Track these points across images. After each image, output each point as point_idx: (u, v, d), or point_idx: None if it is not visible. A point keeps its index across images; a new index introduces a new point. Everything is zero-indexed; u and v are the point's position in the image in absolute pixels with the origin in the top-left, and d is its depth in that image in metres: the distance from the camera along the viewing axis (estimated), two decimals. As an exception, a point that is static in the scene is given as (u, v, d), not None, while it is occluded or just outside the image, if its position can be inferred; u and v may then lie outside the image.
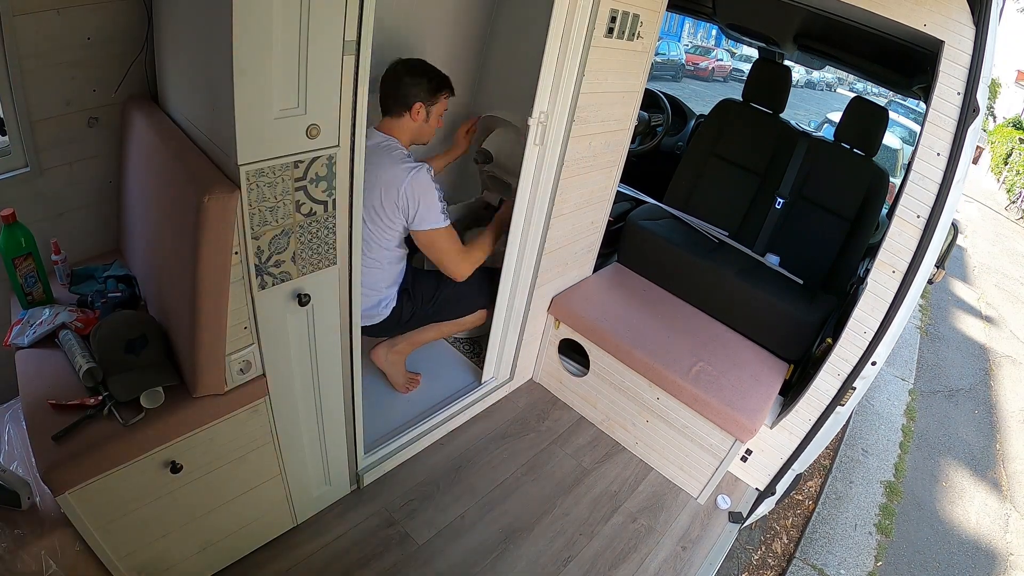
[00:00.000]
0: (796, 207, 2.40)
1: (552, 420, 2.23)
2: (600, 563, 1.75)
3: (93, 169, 1.44)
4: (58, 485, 1.03)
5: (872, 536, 2.48)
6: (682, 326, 2.21)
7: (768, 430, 1.99)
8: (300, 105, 1.02)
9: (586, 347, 2.16)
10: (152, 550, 1.26)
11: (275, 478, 1.45)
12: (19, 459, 1.44)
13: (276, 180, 1.06)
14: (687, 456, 2.00)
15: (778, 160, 2.45)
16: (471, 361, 2.30)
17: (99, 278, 1.41)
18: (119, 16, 1.30)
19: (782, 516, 2.68)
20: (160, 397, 1.14)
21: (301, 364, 1.34)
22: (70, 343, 1.20)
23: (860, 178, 2.27)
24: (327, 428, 1.51)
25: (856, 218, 2.27)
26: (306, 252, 1.19)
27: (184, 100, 1.23)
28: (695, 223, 2.47)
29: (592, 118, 1.78)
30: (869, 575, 2.34)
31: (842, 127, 2.33)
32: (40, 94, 1.28)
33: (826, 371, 1.88)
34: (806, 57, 2.83)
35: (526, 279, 1.99)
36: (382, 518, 1.73)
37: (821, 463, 2.99)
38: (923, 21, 1.54)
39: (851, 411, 1.96)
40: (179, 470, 1.18)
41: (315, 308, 1.27)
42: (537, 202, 1.81)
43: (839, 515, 2.67)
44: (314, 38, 0.97)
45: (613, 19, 1.61)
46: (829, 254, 2.32)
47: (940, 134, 1.58)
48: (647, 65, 1.88)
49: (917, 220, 1.66)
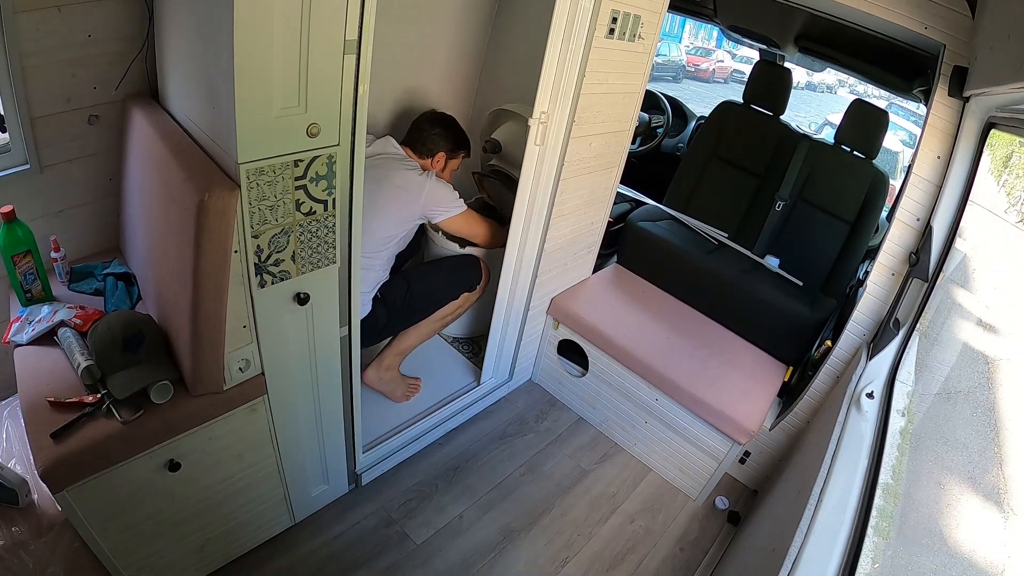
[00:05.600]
0: (796, 209, 2.40)
1: (551, 421, 2.23)
2: (598, 564, 1.75)
3: (93, 167, 1.44)
4: (56, 483, 1.02)
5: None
6: (681, 327, 2.21)
7: (767, 432, 2.00)
8: (300, 104, 1.02)
9: (585, 348, 2.16)
10: (150, 548, 1.26)
11: (273, 477, 1.45)
12: (17, 457, 1.44)
13: (276, 179, 1.06)
14: (685, 457, 2.00)
15: (778, 162, 2.45)
16: (470, 361, 2.30)
17: (98, 276, 1.41)
18: (120, 14, 1.30)
19: (780, 518, 2.67)
20: (169, 391, 1.14)
21: (300, 363, 1.34)
22: (69, 341, 1.20)
23: (860, 181, 2.27)
24: (326, 427, 1.51)
25: (856, 220, 2.28)
26: (306, 251, 1.18)
27: (184, 98, 1.23)
28: (695, 224, 2.47)
29: (593, 119, 1.78)
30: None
31: (842, 129, 2.33)
32: (40, 91, 1.28)
33: (825, 373, 1.89)
34: (807, 59, 2.83)
35: (526, 279, 1.99)
36: (380, 518, 1.73)
37: (819, 465, 2.98)
38: (924, 24, 1.54)
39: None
40: (177, 468, 1.18)
41: (314, 307, 1.27)
42: (537, 202, 1.81)
43: (837, 517, 2.65)
44: (315, 37, 0.97)
45: (614, 20, 1.61)
46: (829, 256, 2.32)
47: (940, 137, 1.58)
48: (648, 66, 1.88)
49: (916, 223, 1.67)
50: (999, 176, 1.86)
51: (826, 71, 3.90)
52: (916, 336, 1.63)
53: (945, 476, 1.31)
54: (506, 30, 2.28)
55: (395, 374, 1.99)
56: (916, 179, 1.64)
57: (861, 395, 1.47)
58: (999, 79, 1.08)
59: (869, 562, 1.07)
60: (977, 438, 1.30)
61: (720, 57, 14.92)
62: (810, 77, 14.29)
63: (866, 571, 1.05)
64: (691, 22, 12.75)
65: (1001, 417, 1.25)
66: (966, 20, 1.48)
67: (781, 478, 1.85)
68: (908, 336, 1.62)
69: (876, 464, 1.26)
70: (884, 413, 1.42)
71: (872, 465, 1.26)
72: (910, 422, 1.43)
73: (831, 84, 15.75)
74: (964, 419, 1.40)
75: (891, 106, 8.61)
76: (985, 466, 1.22)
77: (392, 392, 1.99)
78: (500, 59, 2.33)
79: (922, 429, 1.46)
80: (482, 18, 2.26)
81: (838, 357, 1.86)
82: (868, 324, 1.79)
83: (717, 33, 9.37)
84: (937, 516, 1.22)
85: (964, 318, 1.82)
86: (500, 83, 2.35)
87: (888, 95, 4.18)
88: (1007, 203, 1.88)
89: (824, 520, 1.14)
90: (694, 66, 14.45)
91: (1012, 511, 1.07)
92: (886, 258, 1.74)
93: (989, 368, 1.46)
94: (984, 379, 1.45)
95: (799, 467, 1.64)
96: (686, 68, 14.20)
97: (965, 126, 1.50)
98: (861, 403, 1.45)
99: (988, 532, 1.10)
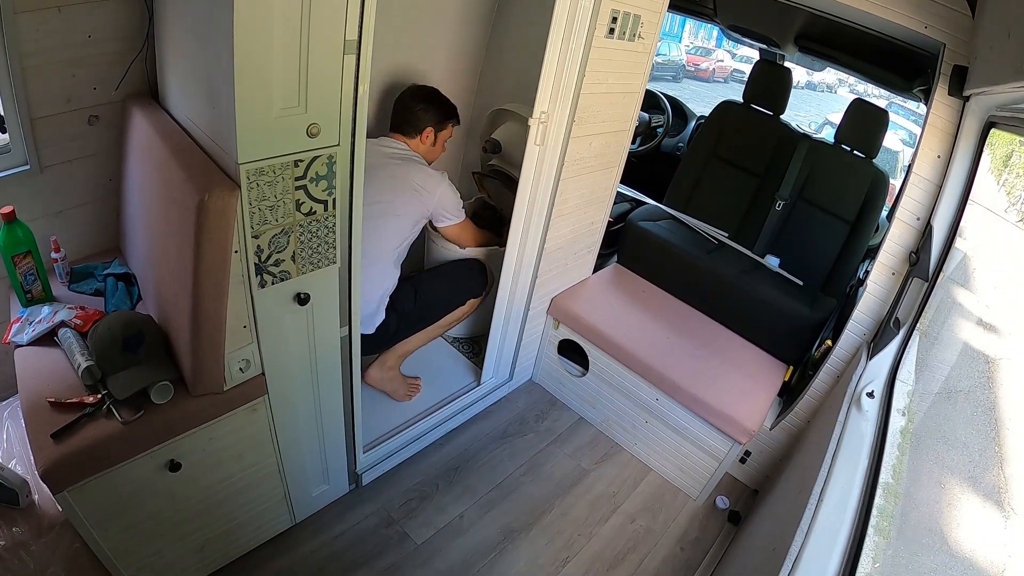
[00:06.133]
0: (796, 209, 2.40)
1: (551, 420, 2.23)
2: (599, 564, 1.75)
3: (93, 167, 1.44)
4: (57, 483, 1.02)
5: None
6: (682, 327, 2.21)
7: (767, 431, 2.00)
8: (300, 104, 1.02)
9: (585, 348, 2.16)
10: (150, 548, 1.26)
11: (274, 477, 1.45)
12: (18, 457, 1.44)
13: (276, 179, 1.06)
14: (686, 457, 2.00)
15: (778, 162, 2.45)
16: (470, 361, 2.30)
17: (98, 276, 1.41)
18: (120, 14, 1.30)
19: (780, 517, 2.67)
20: (169, 391, 1.14)
21: (300, 363, 1.34)
22: (69, 341, 1.20)
23: (860, 180, 2.27)
24: (326, 427, 1.51)
25: (856, 220, 2.28)
26: (306, 251, 1.18)
27: (184, 98, 1.23)
28: (695, 224, 2.47)
29: (593, 118, 1.78)
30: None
31: (842, 129, 2.33)
32: (40, 92, 1.28)
33: (825, 372, 1.89)
34: (807, 59, 2.83)
35: (526, 279, 1.99)
36: (381, 517, 1.73)
37: (820, 464, 2.98)
38: (924, 23, 1.54)
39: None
40: (178, 468, 1.18)
41: (314, 307, 1.27)
42: (537, 202, 1.81)
43: (837, 516, 2.65)
44: (315, 37, 0.97)
45: (614, 20, 1.61)
46: (829, 256, 2.32)
47: (940, 136, 1.58)
48: (648, 66, 1.88)
49: (917, 222, 1.66)
50: (999, 175, 1.86)
51: (826, 70, 3.90)
52: (916, 335, 1.63)
53: (946, 475, 1.31)
54: (506, 30, 2.28)
55: (396, 373, 2.01)
56: (916, 178, 1.63)
57: (861, 394, 1.47)
58: (999, 78, 1.08)
59: (870, 561, 1.07)
60: (977, 437, 1.30)
61: (720, 57, 14.92)
62: (810, 76, 14.28)
63: (867, 570, 1.05)
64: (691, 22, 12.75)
65: (1001, 416, 1.25)
66: (966, 19, 1.48)
67: (781, 478, 1.85)
68: (908, 335, 1.62)
69: (876, 463, 1.26)
70: (884, 412, 1.42)
71: (872, 464, 1.26)
72: (910, 421, 1.43)
73: (831, 83, 15.73)
74: (964, 418, 1.40)
75: (891, 105, 8.61)
76: (985, 465, 1.22)
77: (395, 391, 2.01)
78: (500, 59, 2.33)
79: (922, 428, 1.46)
80: (482, 18, 2.26)
81: (838, 357, 1.86)
82: (868, 323, 1.79)
83: (717, 33, 9.36)
84: (938, 515, 1.22)
85: (964, 317, 1.82)
86: (500, 83, 2.35)
87: (888, 94, 4.18)
88: (1007, 202, 1.88)
89: (824, 519, 1.14)
90: (694, 66, 14.45)
91: (1012, 510, 1.07)
92: (886, 257, 1.73)
93: (989, 367, 1.46)
94: (984, 378, 1.45)
95: (799, 466, 1.64)
96: (686, 68, 14.19)
97: (965, 125, 1.50)
98: (861, 402, 1.45)
99: (989, 531, 1.10)
